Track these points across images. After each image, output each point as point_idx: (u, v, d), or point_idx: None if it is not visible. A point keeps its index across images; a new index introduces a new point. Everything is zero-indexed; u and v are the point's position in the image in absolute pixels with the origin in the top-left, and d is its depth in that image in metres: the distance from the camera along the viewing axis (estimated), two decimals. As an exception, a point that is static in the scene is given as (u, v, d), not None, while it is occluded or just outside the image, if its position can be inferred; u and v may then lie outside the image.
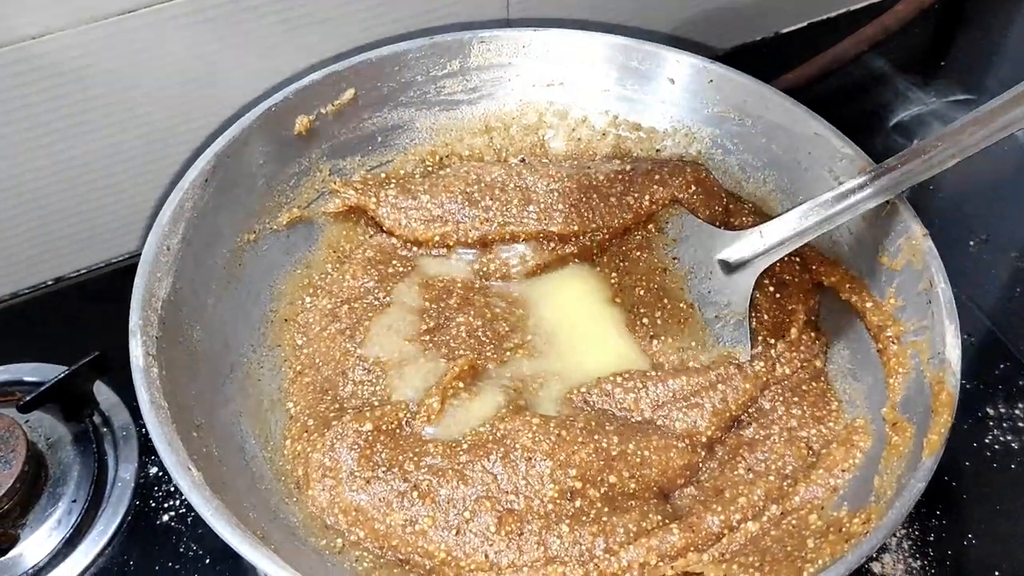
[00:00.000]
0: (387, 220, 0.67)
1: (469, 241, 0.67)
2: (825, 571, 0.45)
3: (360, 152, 0.70)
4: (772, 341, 0.62)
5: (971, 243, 0.81)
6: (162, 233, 0.58)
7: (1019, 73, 0.85)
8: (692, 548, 0.52)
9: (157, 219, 0.58)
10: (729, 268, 0.63)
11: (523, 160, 0.73)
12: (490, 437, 0.56)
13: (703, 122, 0.71)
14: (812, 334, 0.63)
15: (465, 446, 0.56)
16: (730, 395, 0.59)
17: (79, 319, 0.73)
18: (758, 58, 0.92)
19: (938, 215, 0.85)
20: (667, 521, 0.54)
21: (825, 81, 0.86)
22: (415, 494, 0.54)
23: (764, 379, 0.60)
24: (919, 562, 0.61)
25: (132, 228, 0.75)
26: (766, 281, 0.63)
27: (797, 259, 0.65)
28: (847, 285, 0.62)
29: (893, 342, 0.57)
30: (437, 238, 0.67)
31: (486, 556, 0.53)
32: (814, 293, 0.65)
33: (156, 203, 0.59)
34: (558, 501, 0.54)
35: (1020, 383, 0.71)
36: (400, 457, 0.55)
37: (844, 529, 0.48)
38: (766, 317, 0.63)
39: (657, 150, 0.72)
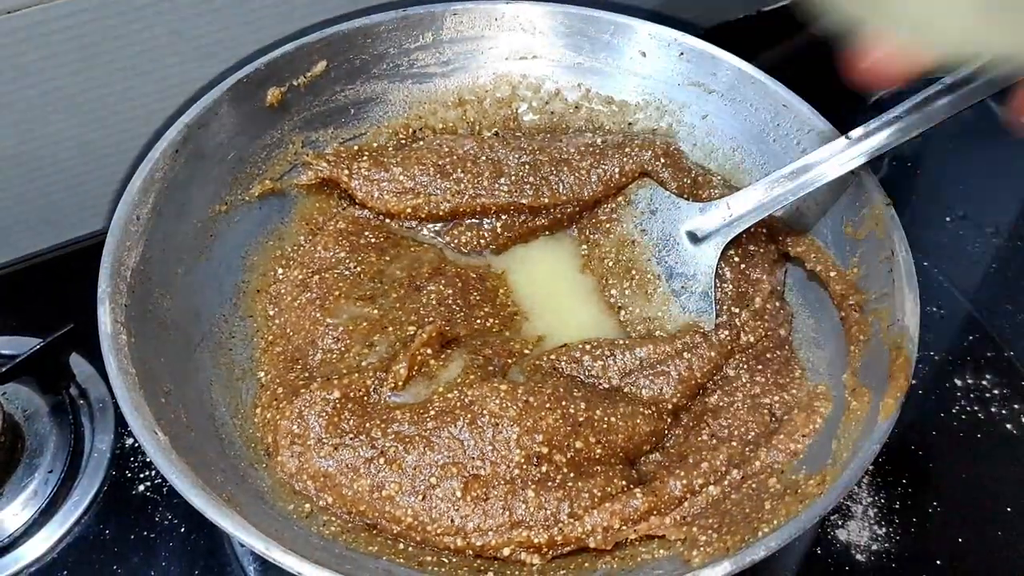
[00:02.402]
0: (359, 192, 0.67)
1: (441, 213, 0.67)
2: (779, 530, 0.46)
3: (333, 124, 0.70)
4: (736, 310, 0.62)
5: (948, 219, 0.82)
6: (132, 202, 0.58)
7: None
8: (655, 512, 0.53)
9: (127, 188, 0.58)
10: (696, 239, 0.64)
11: (496, 134, 0.73)
12: (457, 403, 0.56)
13: (673, 95, 0.71)
14: (777, 304, 0.63)
15: (432, 412, 0.56)
16: (695, 363, 0.60)
17: (54, 294, 0.73)
18: (740, 36, 0.92)
19: (915, 192, 0.86)
20: (631, 486, 0.54)
21: (807, 59, 0.86)
22: (382, 460, 0.54)
23: (729, 348, 0.61)
24: (884, 529, 0.62)
25: (106, 206, 0.75)
26: (732, 252, 0.64)
27: (764, 230, 0.65)
28: (813, 255, 0.63)
29: (855, 310, 0.57)
30: (409, 210, 0.67)
31: (452, 521, 0.53)
32: (781, 263, 0.65)
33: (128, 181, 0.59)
34: (524, 466, 0.54)
35: (989, 355, 0.71)
36: (367, 424, 0.56)
37: (800, 491, 0.49)
38: (731, 287, 0.63)
39: (629, 123, 0.72)
